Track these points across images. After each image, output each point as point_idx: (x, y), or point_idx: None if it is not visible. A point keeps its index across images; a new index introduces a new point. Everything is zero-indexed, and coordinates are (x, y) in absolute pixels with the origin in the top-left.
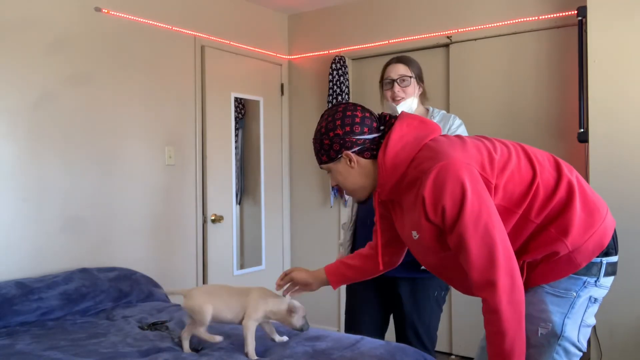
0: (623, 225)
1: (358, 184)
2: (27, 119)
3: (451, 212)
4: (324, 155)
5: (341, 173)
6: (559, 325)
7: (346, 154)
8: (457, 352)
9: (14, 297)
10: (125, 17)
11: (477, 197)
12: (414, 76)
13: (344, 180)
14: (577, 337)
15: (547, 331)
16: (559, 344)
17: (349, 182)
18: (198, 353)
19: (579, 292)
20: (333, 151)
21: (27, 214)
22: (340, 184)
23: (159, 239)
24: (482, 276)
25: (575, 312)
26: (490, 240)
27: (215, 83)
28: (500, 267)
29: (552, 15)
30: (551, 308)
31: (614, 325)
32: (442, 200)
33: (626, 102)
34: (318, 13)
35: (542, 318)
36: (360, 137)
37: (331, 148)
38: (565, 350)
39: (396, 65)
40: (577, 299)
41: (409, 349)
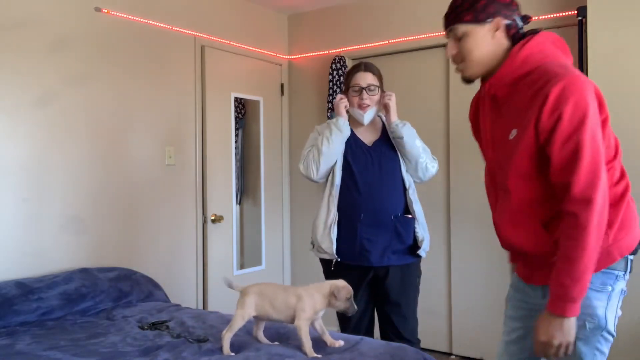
0: None
1: (485, 58)
2: (27, 118)
3: (569, 122)
4: (470, 13)
5: (477, 39)
6: (602, 319)
7: (497, 21)
8: (457, 352)
9: (14, 297)
10: (125, 17)
11: (596, 120)
12: (380, 85)
13: (473, 48)
14: (614, 327)
15: (594, 325)
16: (602, 334)
17: (478, 51)
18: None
19: (614, 286)
20: (484, 13)
21: (27, 213)
22: (466, 52)
23: (159, 239)
24: (583, 191)
25: (612, 305)
26: (598, 160)
27: (215, 83)
28: (600, 188)
29: (552, 15)
30: (595, 303)
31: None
32: (562, 107)
33: (626, 102)
34: (318, 13)
35: (588, 313)
36: (513, 15)
37: (485, 9)
38: (604, 339)
39: (365, 74)
40: (613, 292)
41: (409, 349)
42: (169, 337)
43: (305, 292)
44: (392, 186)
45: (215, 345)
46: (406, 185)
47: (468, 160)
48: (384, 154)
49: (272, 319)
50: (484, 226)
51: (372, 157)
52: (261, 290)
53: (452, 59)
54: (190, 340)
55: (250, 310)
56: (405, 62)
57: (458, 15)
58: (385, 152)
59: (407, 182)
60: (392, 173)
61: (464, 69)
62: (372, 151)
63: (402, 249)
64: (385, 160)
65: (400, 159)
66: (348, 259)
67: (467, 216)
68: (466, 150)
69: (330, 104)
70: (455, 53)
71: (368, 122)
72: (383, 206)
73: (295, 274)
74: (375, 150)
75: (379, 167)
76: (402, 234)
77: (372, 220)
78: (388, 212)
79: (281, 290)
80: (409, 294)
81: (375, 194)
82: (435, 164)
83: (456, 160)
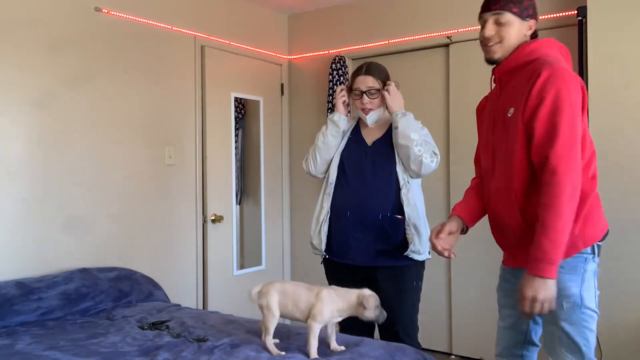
0: (623, 225)
1: (514, 47)
2: (27, 118)
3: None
4: (517, 7)
5: (516, 30)
6: (577, 296)
7: (532, 23)
8: (457, 352)
9: (14, 297)
10: (125, 17)
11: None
12: (382, 87)
13: (511, 36)
14: (595, 304)
15: (570, 304)
16: (582, 312)
17: (513, 40)
18: (200, 343)
19: (585, 267)
20: (527, 12)
21: (27, 213)
22: (504, 37)
23: (159, 239)
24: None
25: (587, 284)
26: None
27: (215, 83)
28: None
29: (552, 15)
30: (568, 284)
31: (614, 325)
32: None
33: (626, 102)
34: (318, 13)
35: (564, 295)
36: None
37: (528, 9)
38: (587, 315)
39: (365, 77)
40: (585, 273)
41: (408, 349)
42: (169, 337)
43: (328, 296)
44: (383, 185)
45: (215, 344)
46: (400, 184)
47: (468, 159)
48: (380, 153)
49: (295, 318)
50: (484, 226)
51: (367, 155)
52: (284, 289)
53: (488, 39)
54: (190, 340)
55: (276, 311)
56: (405, 62)
57: (507, 4)
58: (382, 151)
59: (402, 181)
60: (386, 172)
61: (496, 50)
62: (370, 150)
63: (390, 250)
64: (380, 159)
65: (396, 156)
66: (335, 256)
67: None
68: (466, 149)
69: (330, 103)
70: (493, 34)
71: (372, 124)
72: (371, 204)
73: (295, 274)
74: (372, 149)
75: (372, 165)
76: (389, 235)
77: (358, 218)
78: (375, 211)
79: (304, 289)
80: (403, 298)
81: (364, 192)
82: (436, 159)
83: (456, 159)
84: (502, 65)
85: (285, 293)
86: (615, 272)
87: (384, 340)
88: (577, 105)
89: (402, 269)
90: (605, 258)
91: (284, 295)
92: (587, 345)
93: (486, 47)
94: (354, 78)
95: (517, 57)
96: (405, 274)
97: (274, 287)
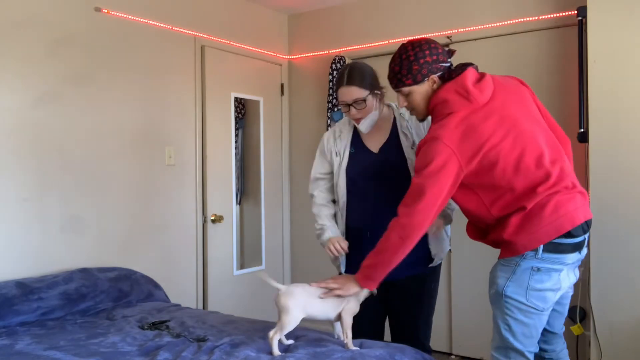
0: (623, 225)
1: (424, 106)
2: (27, 118)
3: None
4: (410, 78)
5: (421, 94)
6: (501, 286)
7: (432, 78)
8: (457, 352)
9: (14, 297)
10: (125, 17)
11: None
12: (369, 93)
13: (419, 101)
14: (526, 298)
15: (494, 290)
16: (505, 301)
17: (423, 102)
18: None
19: (520, 262)
20: (420, 75)
21: (27, 213)
22: (414, 105)
23: (159, 239)
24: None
25: (518, 277)
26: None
27: (215, 83)
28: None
29: (552, 15)
30: (499, 274)
31: (614, 325)
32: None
33: (626, 102)
34: (318, 13)
35: (494, 282)
36: (442, 64)
37: (420, 72)
38: (516, 307)
39: (348, 88)
40: (518, 267)
41: (408, 349)
42: (169, 337)
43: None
44: (399, 196)
45: (215, 344)
46: None
47: None
48: (390, 161)
49: (317, 318)
50: None
51: (375, 166)
52: (307, 291)
53: (406, 108)
54: (190, 340)
55: (299, 313)
56: None
57: (400, 80)
58: (392, 158)
59: None
60: (399, 180)
61: (417, 115)
62: (377, 158)
63: (413, 260)
64: (391, 168)
65: (408, 161)
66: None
67: None
68: None
69: (330, 104)
70: (406, 105)
71: (368, 130)
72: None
73: (295, 274)
74: (380, 158)
75: (383, 177)
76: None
77: (378, 236)
78: None
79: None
80: (423, 302)
81: (380, 209)
82: None
83: None
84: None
85: (310, 293)
86: (614, 272)
87: (384, 341)
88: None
89: (424, 274)
90: (605, 258)
91: (309, 296)
92: (507, 330)
93: (412, 114)
94: (337, 89)
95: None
96: (426, 278)
97: (297, 291)
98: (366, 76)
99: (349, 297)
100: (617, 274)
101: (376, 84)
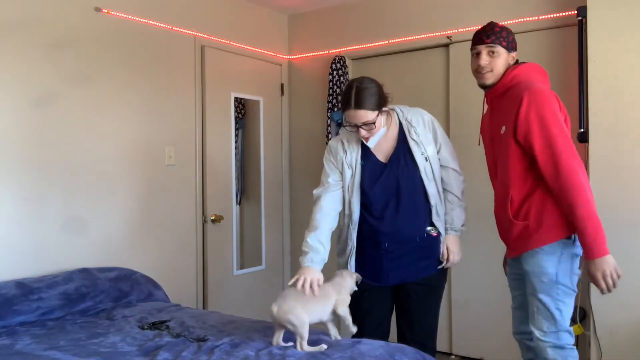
0: (623, 224)
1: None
2: (27, 118)
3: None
4: (505, 42)
5: (504, 60)
6: (553, 275)
7: (515, 54)
8: (457, 352)
9: (14, 297)
10: (125, 17)
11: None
12: (378, 113)
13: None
14: (571, 282)
15: (548, 279)
16: (558, 287)
17: (502, 68)
18: (200, 343)
19: (563, 251)
20: (512, 45)
21: (27, 213)
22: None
23: (159, 239)
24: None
25: (564, 264)
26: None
27: (215, 83)
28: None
29: (552, 15)
30: (546, 264)
31: (614, 325)
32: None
33: (626, 102)
34: (318, 13)
35: (544, 272)
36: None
37: (512, 42)
38: (563, 291)
39: (356, 112)
40: (562, 255)
41: (408, 349)
42: (169, 337)
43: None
44: (414, 204)
45: (215, 344)
46: (430, 197)
47: (467, 158)
48: (402, 171)
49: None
50: (484, 226)
51: (389, 177)
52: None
53: (483, 67)
54: (190, 340)
55: (302, 316)
56: (405, 62)
57: (498, 39)
58: (403, 168)
59: (431, 192)
60: (413, 189)
61: (489, 77)
62: (389, 170)
63: (426, 264)
64: (404, 178)
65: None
66: (369, 279)
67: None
68: (466, 149)
69: (330, 104)
70: (487, 63)
71: (375, 145)
72: (406, 231)
73: (295, 274)
74: (392, 168)
75: (397, 188)
76: (427, 252)
77: (395, 246)
78: (412, 235)
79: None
80: (433, 303)
81: (396, 220)
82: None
83: None
84: (493, 91)
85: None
86: None
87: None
88: (558, 114)
89: (435, 276)
90: None
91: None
92: (560, 314)
93: (480, 74)
94: (344, 110)
95: (503, 83)
96: (436, 279)
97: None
98: (374, 97)
99: (339, 290)
100: None
101: (383, 101)
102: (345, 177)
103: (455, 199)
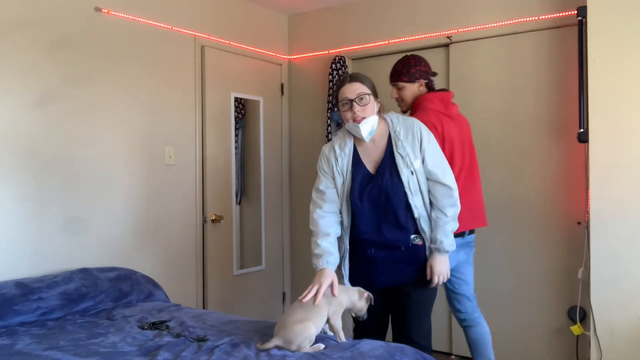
0: (622, 225)
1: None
2: (27, 118)
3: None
4: (406, 76)
5: (410, 91)
6: None
7: (421, 82)
8: (457, 352)
9: (14, 297)
10: (125, 17)
11: None
12: (371, 93)
13: (408, 96)
14: None
15: None
16: None
17: (410, 98)
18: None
19: None
20: (414, 76)
21: (27, 214)
22: (403, 97)
23: (159, 239)
24: None
25: None
26: None
27: (215, 83)
28: None
29: (552, 15)
30: None
31: (614, 325)
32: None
33: (626, 102)
34: (318, 13)
35: None
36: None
37: (415, 74)
38: None
39: (351, 84)
40: None
41: (407, 349)
42: (169, 337)
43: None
44: (398, 216)
45: (215, 344)
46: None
47: None
48: (387, 183)
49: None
50: (483, 228)
51: (375, 188)
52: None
53: (395, 99)
54: (190, 340)
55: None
56: None
57: (399, 76)
58: (388, 180)
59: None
60: (398, 202)
61: (402, 106)
62: (375, 181)
63: (415, 269)
64: (389, 190)
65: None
66: (359, 280)
67: None
68: None
69: (330, 104)
70: (397, 97)
71: (369, 136)
72: (392, 239)
73: (295, 274)
74: (377, 180)
75: (382, 199)
76: (413, 261)
77: (381, 254)
78: (398, 244)
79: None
80: (425, 303)
81: (381, 229)
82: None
83: None
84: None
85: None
86: (614, 272)
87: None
88: None
89: (424, 278)
90: (605, 258)
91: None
92: None
93: (398, 104)
94: (339, 90)
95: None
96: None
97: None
98: (368, 80)
99: (332, 301)
100: (617, 274)
101: (375, 91)
102: (337, 184)
103: (442, 216)
